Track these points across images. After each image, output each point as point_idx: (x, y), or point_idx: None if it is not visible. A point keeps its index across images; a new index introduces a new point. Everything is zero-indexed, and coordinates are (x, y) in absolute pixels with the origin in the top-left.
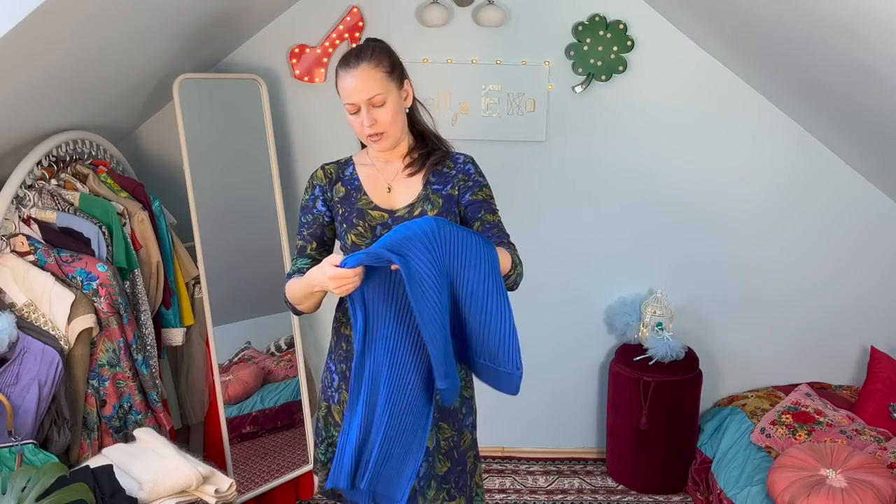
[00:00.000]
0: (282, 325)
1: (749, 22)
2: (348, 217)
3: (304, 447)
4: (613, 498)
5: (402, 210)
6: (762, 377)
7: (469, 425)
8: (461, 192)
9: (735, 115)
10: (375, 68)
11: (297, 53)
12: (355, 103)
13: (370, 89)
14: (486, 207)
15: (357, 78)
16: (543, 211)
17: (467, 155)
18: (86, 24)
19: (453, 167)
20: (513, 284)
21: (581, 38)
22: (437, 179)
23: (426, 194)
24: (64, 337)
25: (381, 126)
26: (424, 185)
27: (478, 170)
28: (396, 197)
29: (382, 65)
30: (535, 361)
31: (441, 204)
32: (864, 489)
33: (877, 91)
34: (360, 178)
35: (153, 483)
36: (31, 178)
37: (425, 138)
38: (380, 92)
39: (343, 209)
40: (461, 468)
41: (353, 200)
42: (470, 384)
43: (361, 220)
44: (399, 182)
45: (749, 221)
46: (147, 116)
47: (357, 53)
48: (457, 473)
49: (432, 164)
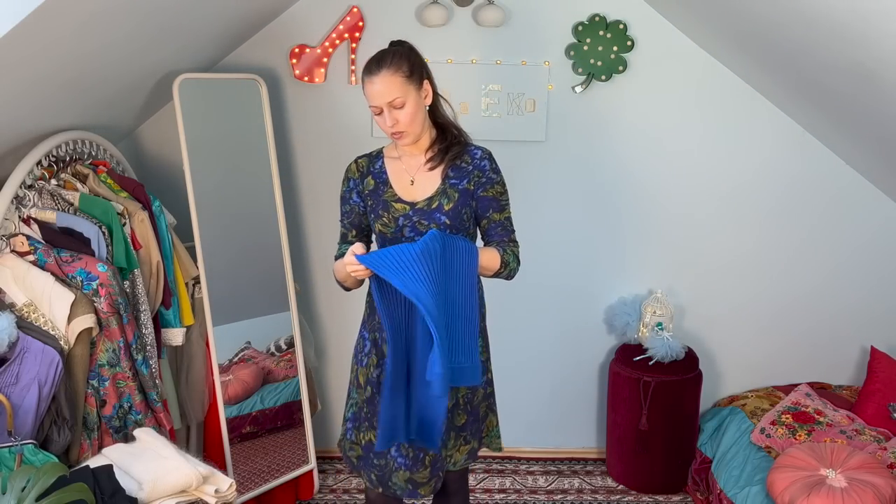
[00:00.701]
0: (282, 325)
1: (749, 22)
2: (375, 208)
3: (304, 447)
4: (613, 498)
5: (422, 203)
6: (762, 377)
7: (483, 383)
8: (476, 188)
9: (735, 115)
10: (395, 74)
11: (297, 53)
12: (378, 106)
13: (390, 93)
14: (495, 206)
15: (378, 84)
16: (543, 211)
17: (485, 150)
18: (86, 24)
19: (471, 162)
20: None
21: (581, 38)
22: (455, 174)
23: (444, 188)
24: (64, 337)
25: (401, 125)
26: (443, 180)
27: (493, 166)
28: (418, 189)
29: (401, 70)
30: (535, 361)
31: (457, 198)
32: (864, 489)
33: (876, 91)
34: (388, 171)
35: (153, 483)
36: (31, 178)
37: (445, 131)
38: (398, 95)
39: (371, 201)
40: (474, 418)
41: (380, 193)
42: (486, 349)
43: (386, 211)
44: (421, 175)
45: (749, 221)
46: (147, 116)
47: (378, 60)
48: (471, 423)
49: (450, 159)
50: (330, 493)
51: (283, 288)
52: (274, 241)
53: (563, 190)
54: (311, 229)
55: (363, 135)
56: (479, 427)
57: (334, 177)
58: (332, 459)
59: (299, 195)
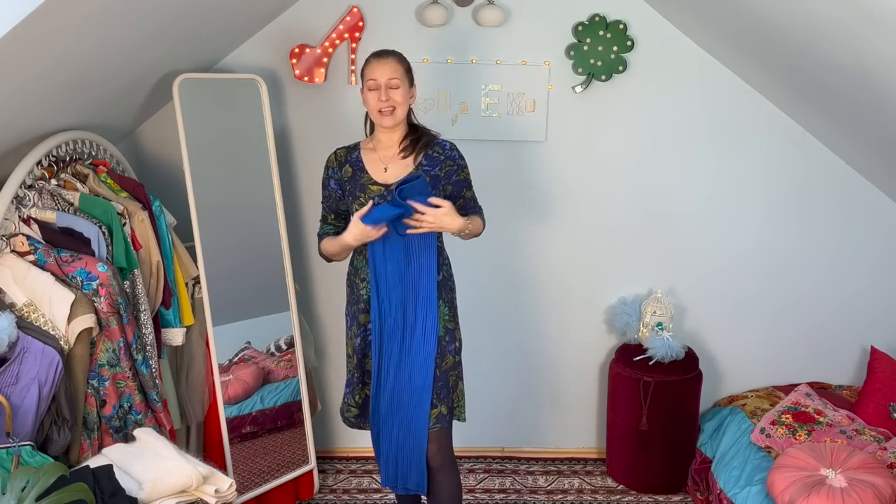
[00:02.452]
0: (282, 325)
1: (749, 22)
2: (353, 191)
3: (304, 447)
4: (613, 498)
5: (395, 184)
6: (762, 377)
7: (452, 351)
8: (447, 174)
9: (735, 114)
10: (399, 63)
11: (297, 53)
12: (377, 80)
13: (392, 73)
14: (466, 185)
15: (385, 65)
16: (543, 211)
17: (452, 142)
18: (85, 24)
19: (442, 153)
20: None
21: (581, 38)
22: (428, 162)
23: (417, 174)
24: (64, 337)
25: (392, 102)
26: (417, 166)
27: (460, 154)
28: (391, 175)
29: (403, 64)
30: (536, 361)
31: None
32: (864, 489)
33: (876, 91)
34: (364, 160)
35: (153, 483)
36: (31, 178)
37: (417, 129)
38: (397, 77)
39: (350, 186)
40: (443, 383)
41: (357, 178)
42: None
43: (363, 193)
44: (394, 163)
45: (749, 221)
46: (147, 116)
47: (387, 51)
48: (439, 387)
49: (423, 146)
50: (330, 493)
51: (283, 288)
52: (274, 241)
53: (563, 190)
54: (311, 229)
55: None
56: (450, 395)
57: None
58: (332, 459)
59: (299, 195)
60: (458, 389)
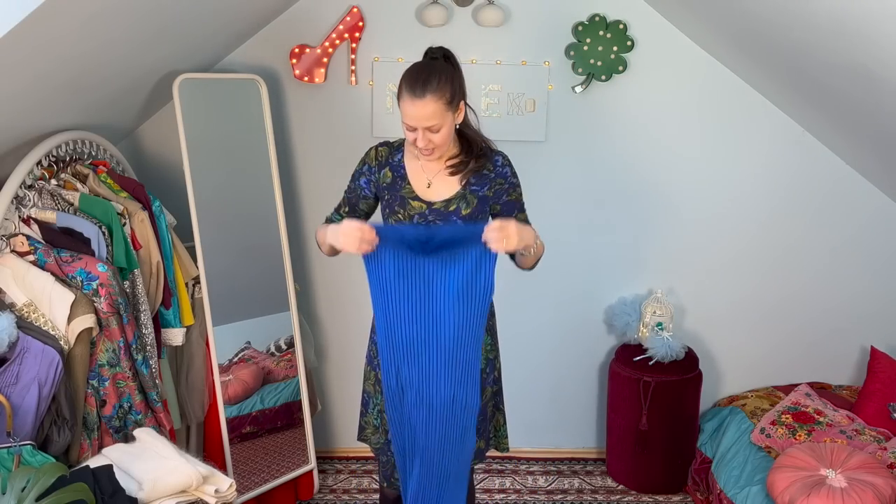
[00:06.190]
0: (282, 325)
1: (749, 22)
2: (391, 203)
3: (304, 447)
4: (613, 498)
5: (440, 204)
6: (762, 377)
7: (491, 381)
8: (497, 194)
9: (735, 114)
10: (438, 101)
11: (297, 53)
12: (415, 127)
13: (429, 119)
14: (518, 207)
15: (420, 108)
16: (543, 211)
17: (504, 156)
18: (86, 24)
19: (493, 170)
20: None
21: (581, 38)
22: (477, 181)
23: (464, 193)
24: (64, 337)
25: (432, 146)
26: (464, 186)
27: (513, 171)
28: (434, 191)
29: (445, 97)
30: (536, 361)
31: (475, 204)
32: (864, 489)
33: (876, 91)
34: (406, 167)
35: (153, 483)
36: (31, 178)
37: (472, 144)
38: (437, 122)
39: (388, 195)
40: (483, 417)
41: (397, 188)
42: (495, 346)
43: (402, 207)
44: (439, 179)
45: (749, 221)
46: (147, 116)
47: (425, 82)
48: (478, 422)
49: (472, 170)
50: (330, 493)
51: (283, 288)
52: (274, 241)
53: (563, 190)
54: (311, 229)
55: (363, 135)
56: (487, 427)
57: (334, 176)
58: (332, 459)
59: (299, 195)
60: (495, 419)
